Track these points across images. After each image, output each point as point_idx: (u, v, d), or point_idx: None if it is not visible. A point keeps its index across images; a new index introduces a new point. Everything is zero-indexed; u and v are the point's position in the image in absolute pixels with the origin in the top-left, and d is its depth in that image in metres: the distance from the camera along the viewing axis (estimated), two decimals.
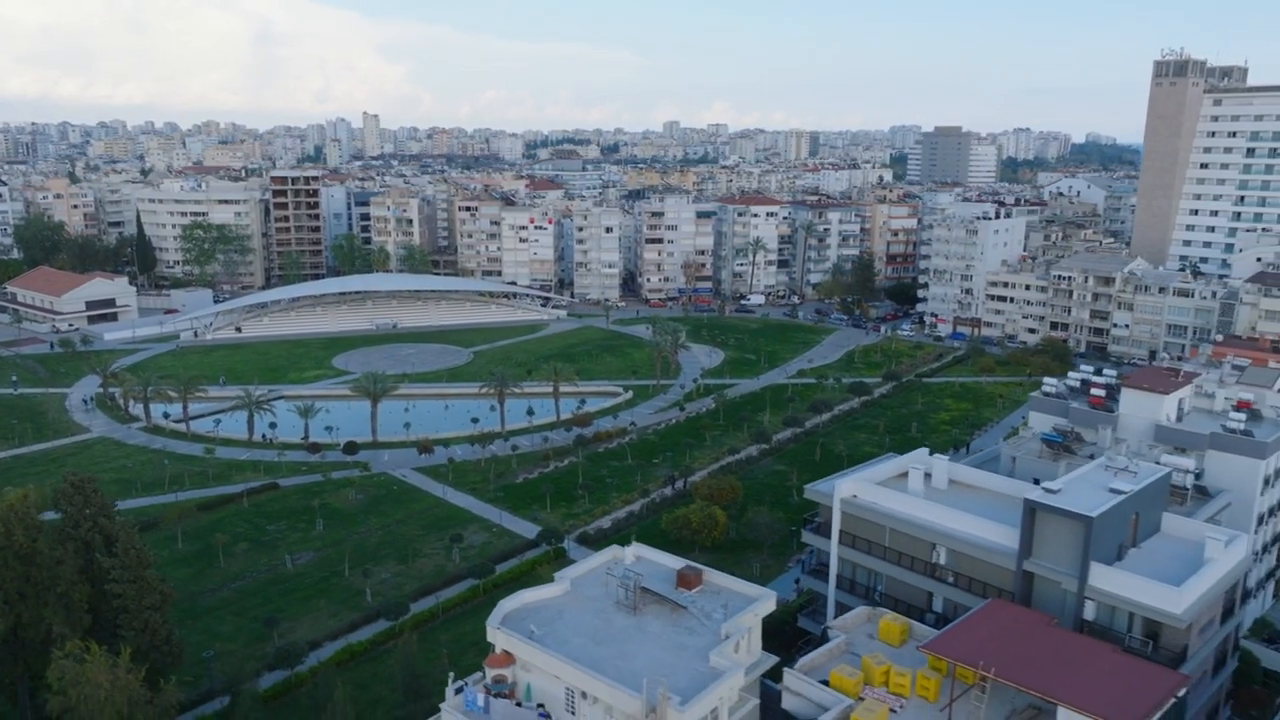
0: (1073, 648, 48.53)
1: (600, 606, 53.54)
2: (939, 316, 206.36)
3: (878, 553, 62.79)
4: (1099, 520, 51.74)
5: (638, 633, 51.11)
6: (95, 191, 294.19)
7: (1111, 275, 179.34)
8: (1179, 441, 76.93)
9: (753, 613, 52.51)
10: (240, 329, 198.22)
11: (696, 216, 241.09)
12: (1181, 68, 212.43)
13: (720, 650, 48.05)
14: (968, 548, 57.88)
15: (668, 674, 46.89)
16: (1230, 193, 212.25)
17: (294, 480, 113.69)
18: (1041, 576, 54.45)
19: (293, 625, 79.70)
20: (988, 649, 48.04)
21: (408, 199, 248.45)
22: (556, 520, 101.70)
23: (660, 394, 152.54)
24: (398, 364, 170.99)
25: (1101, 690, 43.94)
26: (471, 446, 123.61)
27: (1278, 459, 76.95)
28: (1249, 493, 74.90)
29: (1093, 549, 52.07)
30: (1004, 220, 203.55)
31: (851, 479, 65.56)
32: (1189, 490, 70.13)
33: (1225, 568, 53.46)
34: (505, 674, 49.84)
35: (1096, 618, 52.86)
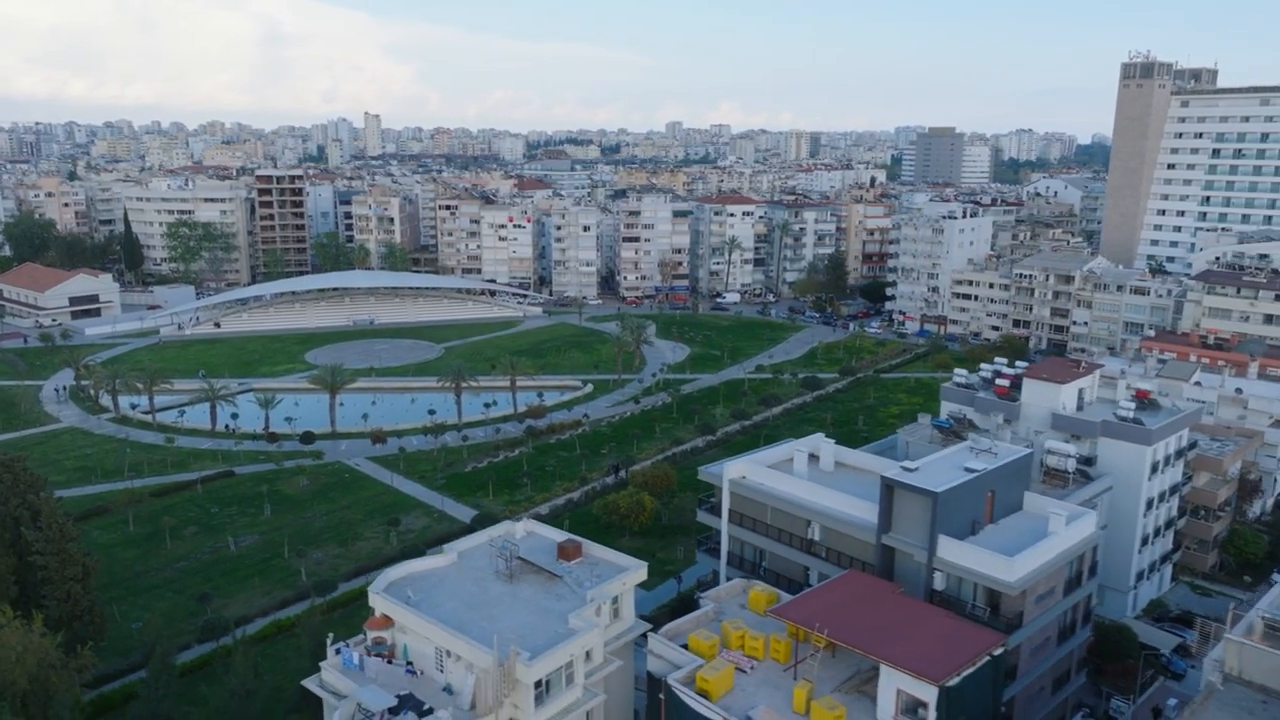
0: (909, 613, 51.99)
1: (481, 575, 57.21)
2: (907, 314, 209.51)
3: (761, 530, 66.32)
4: (944, 496, 55.15)
5: (510, 598, 54.76)
6: (87, 190, 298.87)
7: (1071, 274, 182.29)
8: (1073, 429, 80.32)
9: (620, 581, 56.18)
10: (219, 324, 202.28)
11: (673, 216, 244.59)
12: (1148, 69, 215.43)
13: (579, 613, 51.67)
14: (837, 524, 61.37)
15: (528, 634, 50.64)
16: (1196, 193, 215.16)
17: (250, 468, 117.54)
18: (898, 549, 57.88)
19: (227, 602, 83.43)
20: (829, 614, 51.56)
21: (389, 198, 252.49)
22: (497, 506, 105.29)
23: (620, 388, 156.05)
24: (369, 359, 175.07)
25: (920, 649, 47.38)
26: (425, 437, 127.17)
27: (1166, 446, 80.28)
28: (1137, 477, 78.30)
29: (940, 523, 55.48)
30: (970, 220, 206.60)
31: (740, 461, 69.15)
32: (1070, 474, 73.60)
33: (1067, 542, 56.80)
34: (384, 636, 53.50)
35: (946, 588, 56.27)
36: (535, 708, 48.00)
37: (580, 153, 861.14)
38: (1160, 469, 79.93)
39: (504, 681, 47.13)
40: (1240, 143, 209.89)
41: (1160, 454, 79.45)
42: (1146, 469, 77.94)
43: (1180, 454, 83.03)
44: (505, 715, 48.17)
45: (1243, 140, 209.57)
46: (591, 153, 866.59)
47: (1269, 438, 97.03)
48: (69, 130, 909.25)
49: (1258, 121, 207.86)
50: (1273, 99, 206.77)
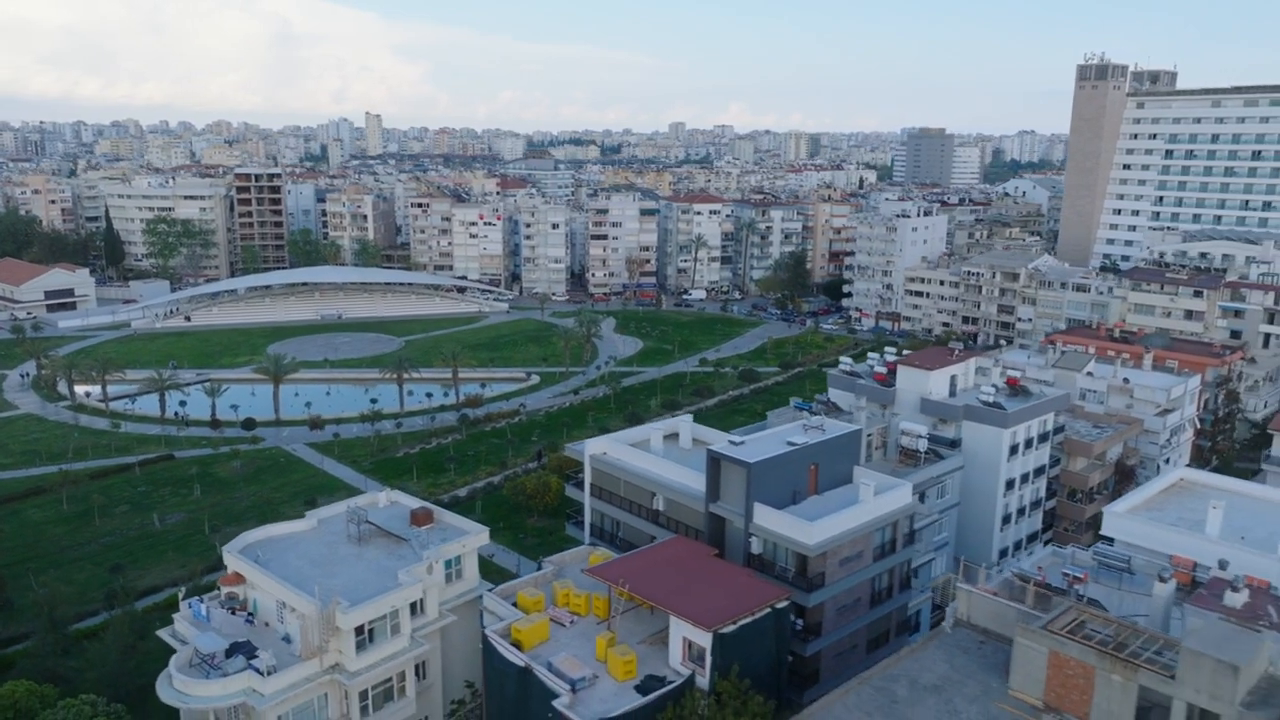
0: (713, 572, 56.43)
1: (334, 540, 61.85)
2: (863, 311, 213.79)
3: (616, 502, 70.77)
4: (757, 467, 59.53)
5: (354, 559, 59.42)
6: (73, 188, 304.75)
7: (1016, 271, 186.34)
8: (938, 412, 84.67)
9: (459, 543, 60.84)
10: (189, 318, 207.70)
11: (640, 214, 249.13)
12: (1103, 71, 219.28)
13: (407, 570, 56.29)
14: (676, 495, 65.78)
15: (359, 588, 55.28)
16: (1150, 193, 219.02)
17: (190, 452, 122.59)
18: (723, 517, 62.32)
19: (141, 573, 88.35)
20: (639, 573, 56.02)
21: (362, 195, 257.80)
22: (421, 489, 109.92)
23: (566, 380, 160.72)
24: (329, 351, 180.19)
25: (706, 602, 51.82)
26: (362, 425, 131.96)
27: (1027, 429, 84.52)
28: (996, 458, 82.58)
29: (756, 492, 59.83)
30: (924, 219, 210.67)
31: (602, 439, 73.59)
32: (921, 453, 77.99)
33: (874, 511, 61.03)
34: (236, 591, 58.20)
35: (763, 551, 60.63)
36: (357, 653, 52.60)
37: (580, 153, 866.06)
38: (1021, 451, 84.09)
39: (326, 627, 51.76)
40: (1192, 144, 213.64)
41: (1020, 437, 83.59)
42: (1005, 451, 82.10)
43: (1045, 438, 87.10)
44: (330, 660, 52.78)
45: (1194, 141, 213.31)
46: (591, 153, 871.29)
47: (1150, 425, 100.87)
48: (76, 130, 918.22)
49: (1209, 123, 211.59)
50: (1224, 101, 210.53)
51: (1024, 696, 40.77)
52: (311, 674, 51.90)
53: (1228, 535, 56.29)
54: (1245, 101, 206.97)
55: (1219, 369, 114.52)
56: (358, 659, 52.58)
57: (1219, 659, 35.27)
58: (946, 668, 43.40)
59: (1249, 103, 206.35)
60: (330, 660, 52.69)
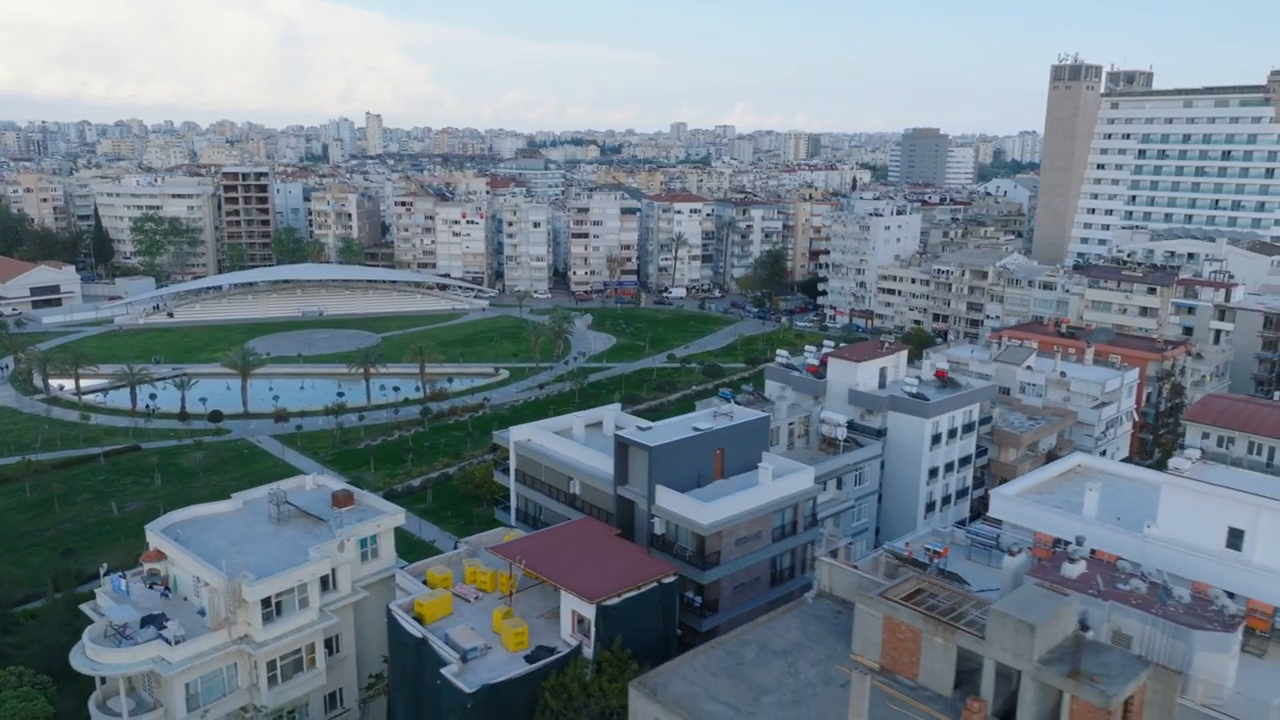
0: (609, 550, 59.01)
1: (256, 520, 64.53)
2: (837, 309, 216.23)
3: (538, 487, 73.41)
4: (659, 450, 62.05)
5: (271, 537, 62.08)
6: (65, 186, 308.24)
7: (985, 269, 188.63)
8: (865, 403, 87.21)
9: (374, 523, 63.48)
10: (172, 314, 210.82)
11: (621, 213, 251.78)
12: (1076, 72, 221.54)
13: (318, 547, 58.95)
14: (590, 479, 68.37)
15: (270, 564, 57.92)
16: (1123, 192, 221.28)
17: (157, 444, 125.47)
18: (630, 500, 64.90)
19: (93, 558, 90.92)
20: (540, 551, 58.69)
21: (346, 194, 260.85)
22: (377, 479, 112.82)
23: (535, 375, 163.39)
24: (306, 347, 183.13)
25: (594, 577, 54.38)
26: (327, 418, 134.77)
27: (951, 420, 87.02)
28: (918, 447, 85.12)
29: (658, 475, 62.35)
30: (897, 218, 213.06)
31: (527, 426, 76.26)
32: (840, 441, 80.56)
33: (771, 494, 63.51)
34: (158, 568, 60.95)
35: (665, 532, 63.20)
36: (264, 624, 55.25)
37: (580, 153, 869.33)
38: (944, 440, 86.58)
39: (232, 600, 54.44)
40: (1164, 144, 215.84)
41: (944, 427, 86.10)
42: (927, 440, 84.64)
43: (970, 428, 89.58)
44: (240, 631, 55.45)
45: (1166, 141, 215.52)
46: (591, 153, 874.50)
47: (1085, 417, 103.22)
48: (80, 130, 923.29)
49: (1180, 123, 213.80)
50: (1195, 101, 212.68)
51: (863, 660, 43.29)
52: (219, 644, 54.54)
53: (1105, 516, 58.71)
54: (1216, 102, 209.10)
55: (1160, 363, 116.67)
56: (265, 630, 55.21)
57: (1020, 619, 37.78)
58: (799, 634, 45.94)
59: (1219, 103, 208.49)
60: (239, 632, 55.33)
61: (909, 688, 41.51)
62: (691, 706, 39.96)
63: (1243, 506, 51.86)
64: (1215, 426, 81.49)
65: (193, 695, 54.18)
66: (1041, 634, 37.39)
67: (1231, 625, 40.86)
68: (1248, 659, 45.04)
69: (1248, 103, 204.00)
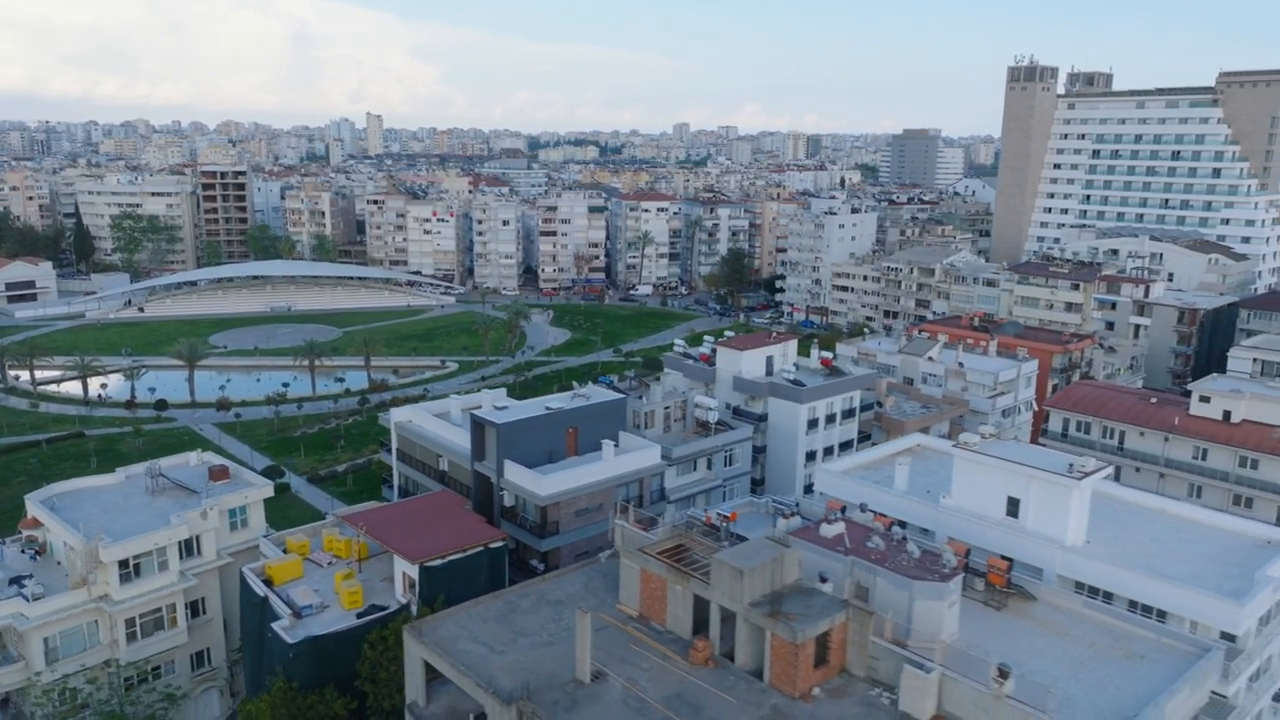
0: (451, 519, 63.21)
1: (133, 492, 68.94)
2: (794, 305, 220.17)
3: (415, 465, 77.89)
4: (505, 428, 66.43)
5: (144, 508, 66.46)
6: (51, 184, 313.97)
7: (932, 266, 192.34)
8: (747, 390, 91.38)
9: (241, 494, 67.86)
10: (142, 309, 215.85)
11: (589, 211, 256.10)
12: (1031, 73, 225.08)
13: (179, 514, 63.35)
14: (454, 456, 72.80)
15: (137, 530, 62.29)
16: (1078, 191, 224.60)
17: (101, 431, 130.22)
18: (485, 474, 69.21)
19: None
20: (386, 520, 63.07)
21: (320, 193, 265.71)
22: (306, 464, 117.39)
23: (484, 368, 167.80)
24: (265, 340, 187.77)
25: (424, 541, 58.65)
26: (269, 407, 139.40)
27: (829, 405, 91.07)
28: (795, 431, 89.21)
29: (506, 451, 66.68)
30: (852, 216, 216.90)
31: (408, 408, 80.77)
32: (712, 425, 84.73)
33: (612, 470, 67.72)
34: (36, 534, 65.48)
35: (514, 504, 67.56)
36: (121, 584, 59.68)
37: (580, 153, 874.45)
38: (822, 425, 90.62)
39: (90, 560, 58.87)
40: (1117, 144, 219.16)
41: (820, 412, 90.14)
42: (803, 424, 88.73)
43: (850, 413, 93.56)
44: (100, 591, 59.88)
45: (1119, 141, 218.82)
46: (590, 153, 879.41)
47: (978, 406, 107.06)
48: (88, 130, 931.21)
49: (1133, 124, 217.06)
50: (1148, 102, 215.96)
51: (626, 609, 47.51)
52: (77, 601, 58.98)
53: (917, 490, 62.86)
54: (1167, 103, 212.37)
55: (1063, 355, 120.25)
56: (122, 590, 59.62)
57: (733, 565, 41.96)
58: (579, 588, 50.15)
59: (1170, 104, 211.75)
60: (99, 591, 59.77)
61: (659, 632, 45.73)
62: (450, 646, 44.20)
63: (1018, 477, 55.93)
64: (1073, 413, 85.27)
65: (52, 649, 58.57)
66: (749, 578, 41.55)
67: (948, 576, 44.87)
68: (988, 611, 49.16)
69: (1197, 104, 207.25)
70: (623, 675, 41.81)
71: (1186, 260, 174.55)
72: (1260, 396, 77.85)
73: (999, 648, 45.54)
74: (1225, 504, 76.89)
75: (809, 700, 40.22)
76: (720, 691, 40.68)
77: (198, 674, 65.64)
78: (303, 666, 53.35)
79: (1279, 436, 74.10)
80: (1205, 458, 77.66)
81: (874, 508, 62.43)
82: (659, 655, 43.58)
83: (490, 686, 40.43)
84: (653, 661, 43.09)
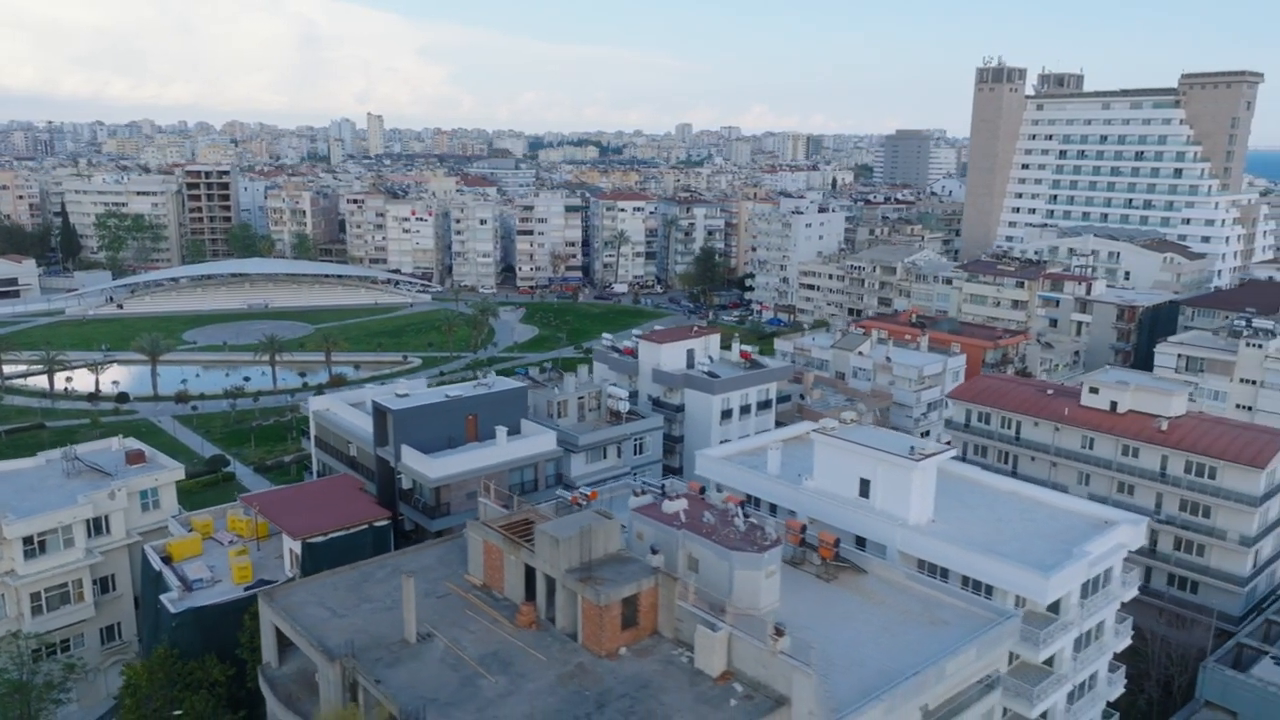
0: (344, 499, 66.37)
1: (50, 475, 72.24)
2: (763, 304, 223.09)
3: (330, 451, 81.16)
4: (400, 414, 69.70)
5: (57, 489, 69.73)
6: (41, 183, 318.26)
7: (894, 265, 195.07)
8: (665, 381, 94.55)
9: (153, 477, 71.20)
10: (121, 306, 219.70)
11: (565, 210, 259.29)
12: (999, 74, 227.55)
13: (87, 495, 66.69)
14: (361, 442, 76.03)
15: (45, 509, 65.59)
16: (1045, 191, 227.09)
17: (62, 423, 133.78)
18: (385, 459, 72.44)
19: None
20: (279, 500, 66.40)
21: (300, 192, 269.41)
22: (256, 455, 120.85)
23: (447, 364, 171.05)
24: (233, 336, 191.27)
25: (310, 519, 61.87)
26: (228, 400, 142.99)
27: (745, 396, 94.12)
28: (709, 421, 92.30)
29: (403, 437, 69.86)
30: (819, 215, 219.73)
31: (325, 397, 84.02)
32: (623, 413, 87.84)
33: (504, 454, 70.83)
34: None
35: (411, 487, 70.78)
36: (26, 559, 63.03)
37: (580, 153, 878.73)
38: (736, 416, 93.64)
39: None
40: (1084, 144, 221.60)
41: (734, 403, 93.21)
42: (716, 415, 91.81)
43: (766, 405, 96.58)
44: (4, 567, 63.25)
45: (1085, 142, 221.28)
46: (590, 153, 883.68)
47: (903, 399, 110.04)
48: (93, 130, 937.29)
49: (1098, 124, 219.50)
50: (1113, 103, 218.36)
51: (471, 579, 50.68)
52: None
53: (790, 474, 65.77)
54: (1131, 104, 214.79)
55: (995, 351, 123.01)
56: (26, 565, 62.98)
57: (551, 535, 45.11)
58: (434, 560, 53.36)
59: (1134, 105, 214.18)
60: (5, 567, 63.14)
61: (497, 599, 48.88)
62: (297, 611, 47.39)
63: (867, 460, 58.95)
64: (974, 404, 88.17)
65: None
66: (565, 547, 44.70)
67: (765, 548, 47.92)
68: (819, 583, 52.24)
69: (1160, 105, 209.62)
70: (450, 637, 44.98)
71: (1142, 259, 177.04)
72: (1144, 388, 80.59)
73: (817, 614, 48.79)
74: (1111, 491, 79.65)
75: (614, 659, 43.32)
76: (535, 650, 43.81)
77: (108, 647, 68.89)
78: (185, 635, 56.58)
79: (1158, 426, 76.83)
80: (1092, 447, 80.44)
81: (747, 490, 65.93)
82: (489, 619, 46.73)
83: (321, 645, 43.58)
84: (482, 625, 46.25)
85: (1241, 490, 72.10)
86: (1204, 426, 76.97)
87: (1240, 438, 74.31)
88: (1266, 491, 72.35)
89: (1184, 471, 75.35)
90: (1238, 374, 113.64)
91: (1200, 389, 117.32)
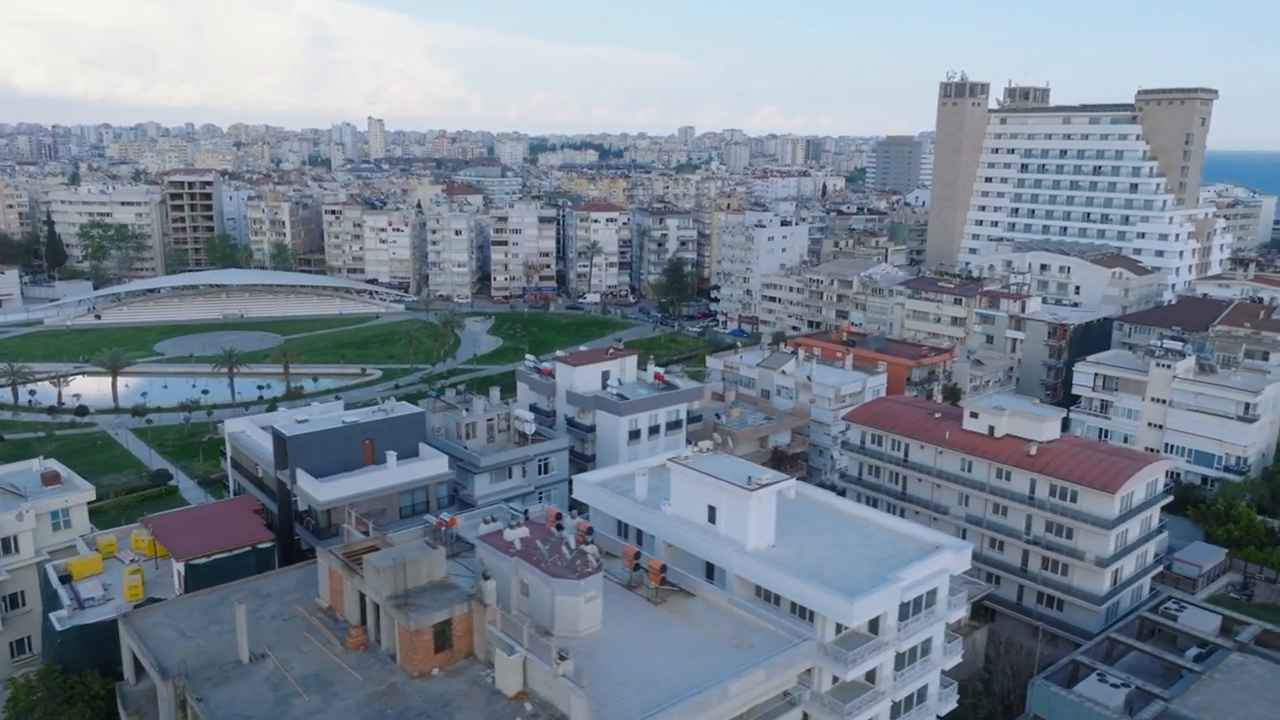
0: (235, 520, 70.41)
1: None
2: (729, 315, 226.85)
3: (243, 473, 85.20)
4: (295, 440, 73.66)
5: None
6: (30, 192, 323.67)
7: (850, 279, 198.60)
8: (577, 402, 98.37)
9: (63, 498, 75.39)
10: (99, 316, 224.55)
11: (539, 221, 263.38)
12: (961, 89, 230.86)
13: (17, 508, 70.85)
14: (265, 465, 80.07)
15: None
16: (1007, 205, 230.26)
17: (20, 435, 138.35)
18: (284, 481, 76.47)
19: None
20: (175, 522, 70.48)
21: (279, 203, 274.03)
22: (202, 468, 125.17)
23: (406, 375, 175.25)
24: (203, 348, 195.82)
25: (199, 540, 65.91)
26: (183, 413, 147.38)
27: (653, 418, 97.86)
28: (617, 441, 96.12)
29: (297, 460, 73.83)
30: (782, 228, 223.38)
31: (242, 419, 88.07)
32: (529, 435, 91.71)
33: (394, 478, 74.69)
34: None
35: (306, 509, 74.76)
36: None
37: (578, 157, 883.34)
38: (645, 436, 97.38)
39: None
40: (1044, 159, 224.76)
41: (642, 424, 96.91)
42: (624, 436, 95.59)
43: (677, 425, 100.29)
44: None
45: (1046, 156, 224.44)
46: (589, 157, 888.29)
47: (820, 417, 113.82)
48: (100, 133, 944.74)
49: (1059, 139, 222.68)
50: (1073, 118, 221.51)
51: (321, 602, 54.67)
52: None
53: (653, 500, 69.45)
54: (1090, 119, 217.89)
55: (919, 369, 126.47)
56: None
57: (374, 564, 49.04)
58: (293, 584, 57.35)
59: (1093, 120, 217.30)
60: None
61: (338, 622, 52.83)
62: (149, 633, 51.42)
63: (713, 489, 62.75)
64: (867, 426, 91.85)
65: None
66: (384, 576, 48.63)
67: (584, 575, 51.73)
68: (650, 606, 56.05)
69: (1117, 120, 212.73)
70: (281, 657, 48.95)
71: (1092, 274, 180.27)
72: (1019, 413, 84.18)
73: (638, 636, 52.60)
74: (986, 512, 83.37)
75: (426, 679, 47.22)
76: (355, 671, 47.75)
77: (17, 660, 72.97)
78: (71, 651, 60.54)
79: (1029, 451, 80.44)
80: (970, 470, 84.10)
81: (616, 515, 69.87)
82: (324, 640, 50.69)
83: (159, 665, 47.59)
84: (315, 646, 50.21)
85: (1097, 514, 75.73)
86: (1071, 451, 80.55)
87: (1101, 463, 77.91)
88: (1121, 514, 75.96)
89: (1049, 495, 79.00)
90: (1149, 393, 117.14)
91: (1115, 408, 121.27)
